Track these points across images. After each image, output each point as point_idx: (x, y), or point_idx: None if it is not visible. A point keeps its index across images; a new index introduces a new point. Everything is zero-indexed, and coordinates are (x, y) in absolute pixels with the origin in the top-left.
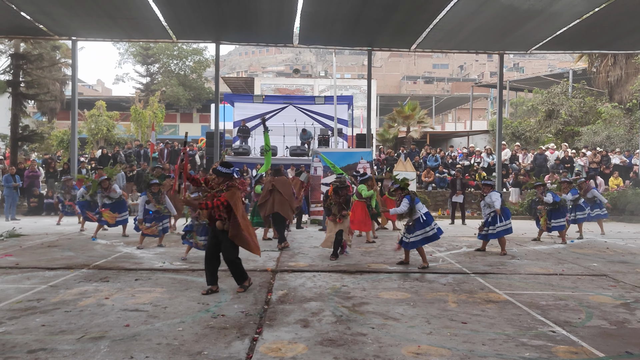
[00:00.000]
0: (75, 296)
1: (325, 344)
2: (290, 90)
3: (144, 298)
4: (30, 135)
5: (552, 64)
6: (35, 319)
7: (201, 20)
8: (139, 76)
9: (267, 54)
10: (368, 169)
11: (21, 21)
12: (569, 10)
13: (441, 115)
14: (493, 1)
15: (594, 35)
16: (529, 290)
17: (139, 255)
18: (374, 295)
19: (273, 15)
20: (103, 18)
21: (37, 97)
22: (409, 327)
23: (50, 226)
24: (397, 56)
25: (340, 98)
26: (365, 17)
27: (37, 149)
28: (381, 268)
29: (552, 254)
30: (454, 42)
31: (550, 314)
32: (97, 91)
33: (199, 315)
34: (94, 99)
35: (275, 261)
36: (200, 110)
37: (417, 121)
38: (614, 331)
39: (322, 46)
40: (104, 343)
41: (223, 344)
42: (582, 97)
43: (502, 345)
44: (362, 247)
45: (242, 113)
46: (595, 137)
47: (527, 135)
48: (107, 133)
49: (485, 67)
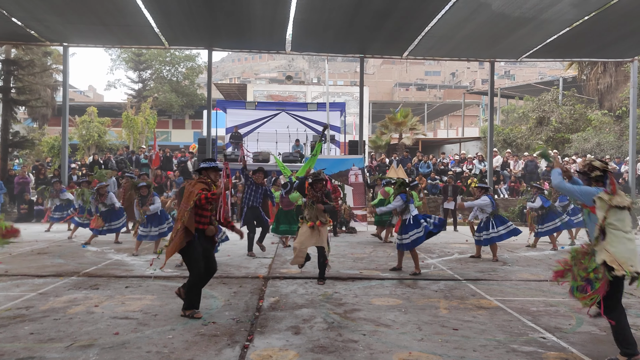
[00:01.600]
0: (65, 304)
1: (317, 350)
2: (282, 97)
3: (134, 305)
4: (20, 142)
5: (543, 71)
6: (24, 326)
7: (194, 26)
8: (131, 82)
9: (259, 61)
10: (359, 175)
11: (13, 27)
12: (559, 18)
13: (433, 122)
14: (484, 9)
15: (584, 43)
16: (520, 297)
17: (129, 262)
18: (365, 301)
19: (266, 22)
20: (95, 24)
21: (28, 103)
22: (401, 333)
23: (40, 233)
24: (390, 63)
25: (333, 105)
26: (357, 24)
27: (27, 155)
28: (373, 274)
29: (543, 260)
30: (446, 49)
31: (541, 320)
32: (88, 97)
33: (190, 323)
34: (86, 105)
35: (267, 268)
36: (192, 116)
37: (409, 128)
38: (604, 337)
39: (315, 53)
40: (93, 351)
41: (213, 351)
42: (572, 104)
43: (493, 351)
44: (355, 253)
45: (235, 119)
46: (585, 144)
47: (519, 142)
48: (99, 139)
49: (476, 74)
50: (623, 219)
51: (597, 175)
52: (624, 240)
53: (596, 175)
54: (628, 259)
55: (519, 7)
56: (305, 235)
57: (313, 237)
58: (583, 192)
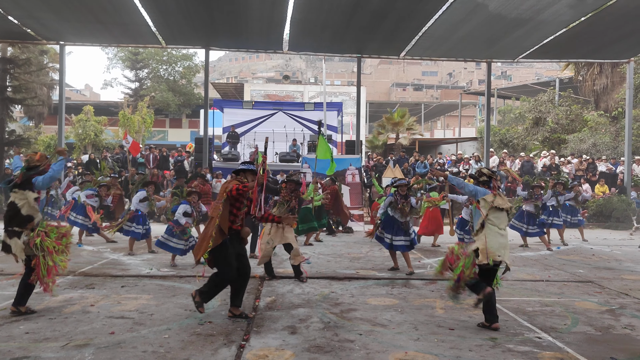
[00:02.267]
0: (60, 303)
1: (313, 350)
2: (280, 97)
3: (130, 305)
4: (16, 140)
5: (539, 72)
6: (19, 326)
7: (191, 26)
8: (127, 81)
9: (257, 60)
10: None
11: (9, 25)
12: (556, 19)
13: (430, 122)
14: (481, 9)
15: (581, 44)
16: (515, 297)
17: (125, 261)
18: (362, 301)
19: (263, 22)
20: (92, 22)
21: (24, 102)
22: (397, 333)
23: None
24: (387, 63)
25: (330, 105)
26: (354, 24)
27: (24, 154)
28: (370, 274)
29: (538, 260)
30: (443, 49)
31: (537, 320)
32: (85, 96)
33: (186, 322)
34: (82, 103)
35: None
36: (189, 115)
37: (406, 128)
38: (600, 337)
39: (312, 53)
40: (88, 351)
41: (210, 351)
42: (568, 105)
43: (489, 351)
44: (352, 253)
45: (232, 119)
46: (581, 144)
47: (515, 142)
48: (95, 138)
49: (473, 74)
50: (499, 217)
51: (484, 180)
52: (497, 235)
53: (483, 179)
54: (497, 249)
55: (515, 8)
56: (271, 234)
57: (278, 236)
58: (477, 191)
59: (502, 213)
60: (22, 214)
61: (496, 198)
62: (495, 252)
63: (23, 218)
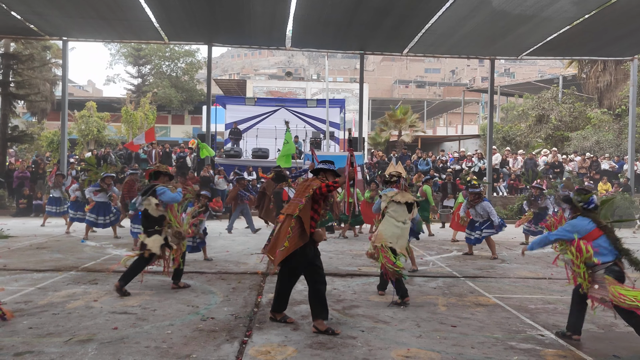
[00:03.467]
0: (64, 298)
1: (315, 347)
2: (282, 93)
3: (132, 301)
4: (19, 136)
5: (543, 69)
6: (23, 321)
7: (193, 22)
8: (130, 77)
9: (259, 57)
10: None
11: (12, 21)
12: (560, 16)
13: (433, 120)
14: (484, 6)
15: (584, 41)
16: (518, 294)
17: None
18: (364, 298)
19: (266, 18)
20: (95, 19)
21: (27, 98)
22: (399, 330)
23: (38, 228)
24: (390, 60)
25: (333, 101)
26: (357, 21)
27: (26, 150)
28: (372, 271)
29: (541, 258)
30: (446, 46)
31: (539, 317)
32: (87, 92)
33: (188, 318)
34: (85, 99)
35: (266, 264)
36: (192, 112)
37: (408, 125)
38: (602, 335)
39: (315, 49)
40: (91, 346)
41: (212, 346)
42: (571, 102)
43: (491, 348)
44: (354, 250)
45: (234, 115)
46: (584, 142)
47: (518, 139)
48: (98, 134)
49: (476, 72)
50: (397, 211)
51: (394, 180)
52: (393, 226)
53: (394, 179)
54: (390, 237)
55: (519, 5)
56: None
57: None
58: (385, 190)
59: (401, 206)
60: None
61: (397, 193)
62: (387, 238)
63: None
